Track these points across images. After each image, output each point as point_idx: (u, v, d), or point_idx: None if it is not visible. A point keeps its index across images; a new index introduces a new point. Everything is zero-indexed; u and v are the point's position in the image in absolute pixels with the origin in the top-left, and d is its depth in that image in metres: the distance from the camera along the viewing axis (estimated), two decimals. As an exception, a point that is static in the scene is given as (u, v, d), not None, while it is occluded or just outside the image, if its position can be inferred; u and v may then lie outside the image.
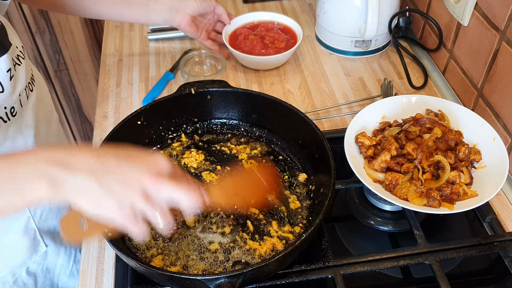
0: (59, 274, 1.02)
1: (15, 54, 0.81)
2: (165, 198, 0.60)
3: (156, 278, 0.74)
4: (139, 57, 1.32)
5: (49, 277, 1.00)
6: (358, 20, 1.20)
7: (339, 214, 0.95)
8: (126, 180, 0.58)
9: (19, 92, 0.82)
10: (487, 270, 0.86)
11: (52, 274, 1.00)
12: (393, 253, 0.81)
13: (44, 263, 0.98)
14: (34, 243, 0.94)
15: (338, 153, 0.89)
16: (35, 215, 0.94)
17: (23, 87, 0.84)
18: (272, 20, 1.31)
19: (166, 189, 0.59)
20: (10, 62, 0.78)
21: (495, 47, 0.94)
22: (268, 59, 1.20)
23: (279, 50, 1.22)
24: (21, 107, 0.84)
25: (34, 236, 0.94)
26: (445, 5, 1.11)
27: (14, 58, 0.81)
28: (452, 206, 0.81)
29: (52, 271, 1.00)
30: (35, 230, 0.94)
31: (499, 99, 0.95)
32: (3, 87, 0.77)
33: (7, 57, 0.78)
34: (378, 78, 1.22)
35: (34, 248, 0.95)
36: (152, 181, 0.58)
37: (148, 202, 0.58)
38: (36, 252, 0.95)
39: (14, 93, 0.80)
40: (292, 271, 0.78)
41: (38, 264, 0.96)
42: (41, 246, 0.96)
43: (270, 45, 1.22)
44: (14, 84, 0.80)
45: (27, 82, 0.85)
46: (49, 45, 1.97)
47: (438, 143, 0.87)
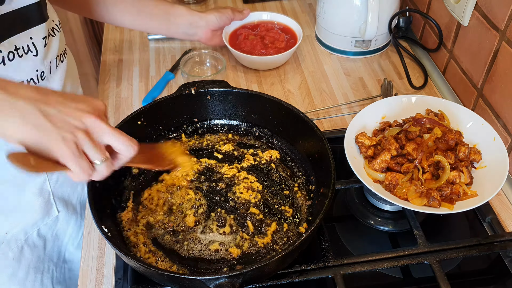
0: (67, 244, 1.05)
1: (51, 26, 0.88)
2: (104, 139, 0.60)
3: (156, 278, 0.74)
4: (139, 57, 1.32)
5: (57, 244, 1.02)
6: (358, 20, 1.20)
7: (339, 214, 0.95)
8: (69, 114, 0.59)
9: (50, 59, 0.88)
10: (487, 270, 0.86)
11: (60, 242, 1.03)
12: (393, 253, 0.81)
13: (55, 228, 1.00)
14: (47, 205, 0.97)
15: (338, 153, 0.89)
16: (52, 178, 0.96)
17: (54, 56, 0.90)
18: (272, 20, 1.31)
19: (105, 130, 0.60)
20: (46, 32, 0.85)
21: (495, 47, 0.94)
22: (268, 59, 1.20)
23: (279, 50, 1.22)
24: (50, 74, 0.89)
25: (48, 198, 0.97)
26: (445, 5, 1.11)
27: (50, 30, 0.88)
28: (452, 206, 0.81)
29: (61, 239, 1.03)
30: (49, 193, 0.97)
31: (499, 99, 0.95)
32: (37, 51, 0.84)
33: (44, 26, 0.84)
34: (378, 78, 1.22)
35: (47, 211, 0.97)
36: (93, 119, 0.59)
37: (89, 139, 0.59)
38: (48, 215, 0.98)
39: (46, 59, 0.86)
40: (292, 271, 0.78)
41: (49, 228, 0.99)
42: (53, 210, 0.98)
43: (270, 45, 1.22)
44: (47, 51, 0.86)
45: (59, 53, 0.92)
46: (49, 45, 1.97)
47: (438, 143, 0.87)
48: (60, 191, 1.00)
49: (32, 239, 0.96)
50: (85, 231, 0.91)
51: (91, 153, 0.60)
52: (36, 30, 0.83)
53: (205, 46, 1.31)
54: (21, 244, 0.94)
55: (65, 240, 1.04)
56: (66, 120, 0.58)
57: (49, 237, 1.00)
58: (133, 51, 1.34)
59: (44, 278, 1.00)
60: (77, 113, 0.59)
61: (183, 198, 0.87)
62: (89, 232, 0.91)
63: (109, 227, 0.78)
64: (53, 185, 0.97)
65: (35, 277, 0.98)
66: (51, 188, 0.97)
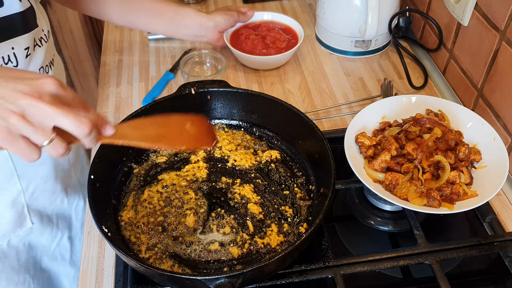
0: (41, 254, 1.03)
1: (38, 36, 0.85)
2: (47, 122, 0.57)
3: (156, 278, 0.74)
4: (139, 57, 1.31)
5: (32, 255, 1.00)
6: (358, 20, 1.20)
7: (339, 214, 0.95)
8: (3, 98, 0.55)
9: (32, 70, 0.85)
10: (487, 270, 0.86)
11: (35, 252, 1.01)
12: (393, 253, 0.81)
13: (27, 239, 0.98)
14: (21, 217, 0.95)
15: (338, 153, 0.89)
16: (27, 190, 0.95)
17: (38, 67, 0.87)
18: (274, 20, 1.31)
19: (46, 113, 0.56)
20: (30, 42, 0.82)
21: (495, 47, 0.94)
22: (269, 59, 1.20)
23: (280, 50, 1.22)
24: None
25: (21, 210, 0.95)
26: (445, 5, 1.11)
27: (37, 39, 0.85)
28: (452, 206, 0.81)
29: (35, 249, 1.01)
30: (23, 205, 0.95)
31: (499, 99, 0.95)
32: (17, 62, 0.81)
33: (28, 36, 0.82)
34: (378, 78, 1.22)
35: (20, 223, 0.95)
36: (29, 101, 0.55)
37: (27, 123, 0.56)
38: (21, 227, 0.96)
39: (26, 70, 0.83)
40: (292, 271, 0.78)
41: (20, 239, 0.97)
42: (27, 222, 0.97)
43: (271, 45, 1.22)
44: (29, 62, 0.84)
45: (44, 65, 0.88)
46: (49, 45, 1.97)
47: (438, 143, 0.87)
48: (35, 203, 0.98)
49: (1, 249, 0.94)
50: (85, 231, 0.91)
51: (31, 136, 0.57)
52: (19, 40, 0.80)
53: (205, 46, 1.31)
54: None
55: (38, 250, 1.02)
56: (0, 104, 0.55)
57: (21, 248, 0.98)
58: (133, 51, 1.34)
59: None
60: (12, 95, 0.55)
61: (183, 198, 0.87)
62: (89, 232, 0.91)
63: (109, 227, 0.78)
64: (28, 198, 0.95)
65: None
66: (25, 201, 0.95)
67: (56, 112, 0.56)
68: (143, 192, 0.88)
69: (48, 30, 0.90)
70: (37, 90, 0.57)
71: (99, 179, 0.80)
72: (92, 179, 0.79)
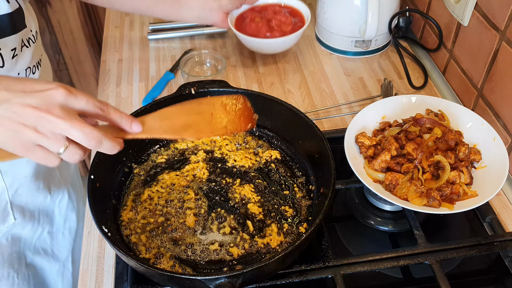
0: (24, 249, 1.03)
1: (26, 36, 0.84)
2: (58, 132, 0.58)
3: (156, 278, 0.74)
4: (139, 57, 1.32)
5: (15, 249, 1.01)
6: (358, 20, 1.20)
7: (339, 214, 0.95)
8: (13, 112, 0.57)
9: (18, 71, 0.84)
10: (487, 270, 0.86)
11: (17, 247, 1.02)
12: (393, 253, 0.81)
13: (9, 233, 0.99)
14: (4, 214, 0.95)
15: (338, 153, 0.89)
16: (11, 188, 0.95)
17: (24, 67, 0.86)
18: (280, 2, 1.26)
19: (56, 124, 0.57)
20: (17, 43, 0.81)
21: (495, 47, 0.94)
22: (272, 42, 1.16)
23: (285, 33, 1.18)
24: None
25: (4, 207, 0.95)
26: (445, 5, 1.11)
27: (24, 40, 0.84)
28: (452, 206, 0.81)
29: (17, 243, 1.02)
30: (7, 202, 0.95)
31: (499, 99, 0.95)
32: (3, 63, 0.80)
33: (16, 38, 0.81)
34: (378, 78, 1.22)
35: (3, 219, 0.96)
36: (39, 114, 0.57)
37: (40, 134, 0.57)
38: (3, 222, 0.96)
39: (13, 70, 0.83)
40: (292, 271, 0.78)
41: (3, 234, 0.98)
42: (10, 218, 0.97)
43: (276, 28, 1.18)
44: (15, 63, 0.83)
45: (32, 65, 0.88)
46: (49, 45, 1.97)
47: (438, 143, 0.87)
48: (18, 200, 0.98)
49: None
50: (85, 231, 0.91)
51: (46, 145, 0.59)
52: (6, 41, 0.80)
53: (205, 46, 1.31)
54: None
55: (21, 245, 1.02)
56: (11, 118, 0.57)
57: (4, 242, 0.98)
58: (133, 51, 1.34)
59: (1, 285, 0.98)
60: (22, 109, 0.57)
61: (183, 198, 0.87)
62: (89, 232, 0.91)
63: (109, 227, 0.78)
64: (12, 195, 0.96)
65: None
66: (9, 198, 0.95)
67: (65, 124, 0.58)
68: (143, 192, 0.88)
69: (36, 30, 0.90)
70: (45, 102, 0.58)
71: (99, 179, 0.80)
72: (92, 179, 0.79)
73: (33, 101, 0.57)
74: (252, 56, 1.30)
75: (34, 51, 0.87)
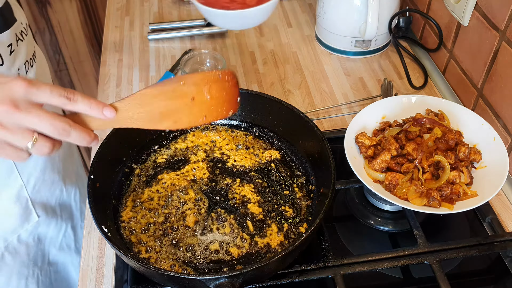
0: (49, 246, 1.04)
1: (19, 30, 0.84)
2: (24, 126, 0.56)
3: (156, 278, 0.74)
4: (139, 57, 1.32)
5: (40, 248, 1.02)
6: (358, 20, 1.20)
7: (339, 214, 0.95)
8: None
9: (18, 66, 0.84)
10: (487, 270, 0.86)
11: (43, 245, 1.02)
12: (393, 253, 0.81)
13: (36, 232, 0.99)
14: (26, 211, 0.96)
15: (338, 153, 0.89)
16: (28, 184, 0.95)
17: (23, 62, 0.86)
18: None
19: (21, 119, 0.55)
20: (12, 38, 0.81)
21: (495, 47, 0.94)
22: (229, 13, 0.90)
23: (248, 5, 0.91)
24: None
25: (26, 204, 0.95)
26: (445, 5, 1.11)
27: (18, 34, 0.84)
28: (452, 206, 0.81)
29: (43, 242, 1.02)
30: (27, 199, 0.95)
31: (499, 99, 0.95)
32: (2, 60, 0.79)
33: (10, 33, 0.80)
34: (378, 78, 1.22)
35: (26, 217, 0.96)
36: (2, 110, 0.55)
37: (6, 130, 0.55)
38: (28, 221, 0.97)
39: (13, 66, 0.82)
40: (292, 271, 0.78)
41: (29, 233, 0.98)
42: (33, 215, 0.97)
43: None
44: (14, 59, 0.82)
45: (28, 58, 0.88)
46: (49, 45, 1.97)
47: (438, 143, 0.87)
48: (38, 196, 0.99)
49: (12, 245, 0.95)
50: (85, 231, 0.91)
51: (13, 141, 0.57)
52: (1, 38, 0.79)
53: (205, 46, 1.31)
54: (0, 252, 0.93)
55: (46, 243, 1.03)
56: None
57: (30, 242, 0.99)
58: (133, 51, 1.34)
59: (29, 284, 0.99)
60: None
61: (183, 198, 0.87)
62: (89, 232, 0.91)
63: (109, 227, 0.78)
64: (31, 191, 0.96)
65: (19, 283, 0.96)
66: (28, 194, 0.95)
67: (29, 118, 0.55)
68: (143, 192, 0.88)
69: (26, 22, 0.89)
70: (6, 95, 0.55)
71: (99, 179, 0.80)
72: (92, 179, 0.79)
73: None
74: (252, 56, 1.30)
75: (28, 43, 0.87)
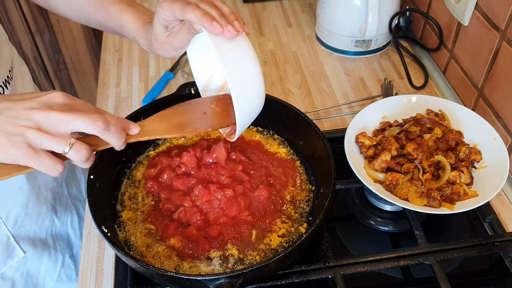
0: (44, 279, 0.98)
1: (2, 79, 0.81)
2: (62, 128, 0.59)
3: (156, 278, 0.73)
4: (139, 57, 1.31)
5: (31, 283, 0.95)
6: (358, 20, 1.20)
7: (339, 214, 0.95)
8: (15, 117, 0.57)
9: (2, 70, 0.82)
10: (487, 270, 0.86)
11: (36, 280, 0.96)
12: (393, 253, 0.81)
13: (24, 268, 0.93)
14: (8, 249, 0.90)
15: (338, 153, 0.89)
16: (8, 221, 0.90)
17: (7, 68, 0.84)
18: None
19: (59, 119, 0.58)
20: None
21: (496, 47, 0.94)
22: None
23: None
24: None
25: (7, 242, 0.90)
26: (446, 5, 1.11)
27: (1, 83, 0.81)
28: (453, 206, 0.81)
29: (36, 276, 0.96)
30: (8, 236, 0.90)
31: (499, 99, 0.95)
32: None
33: None
34: (378, 78, 1.22)
35: (8, 254, 0.90)
36: (42, 113, 0.58)
37: (44, 134, 0.58)
38: (11, 258, 0.91)
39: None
40: (292, 271, 0.78)
41: (16, 270, 0.92)
42: (17, 251, 0.91)
43: None
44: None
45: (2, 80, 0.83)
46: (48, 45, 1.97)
47: (439, 143, 0.87)
48: (22, 231, 0.93)
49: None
50: (85, 231, 0.91)
51: (51, 146, 0.59)
52: None
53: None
54: None
55: (40, 277, 0.97)
56: (14, 123, 0.57)
57: (18, 278, 0.92)
58: (133, 51, 1.34)
59: None
60: (23, 113, 0.58)
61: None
62: (89, 232, 0.91)
63: (109, 227, 0.78)
64: (12, 227, 0.90)
65: None
66: (9, 231, 0.90)
67: (68, 117, 0.58)
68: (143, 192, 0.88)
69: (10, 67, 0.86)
70: (45, 103, 0.59)
71: (99, 179, 0.80)
72: (92, 179, 0.79)
73: (33, 104, 0.58)
74: (252, 56, 1.30)
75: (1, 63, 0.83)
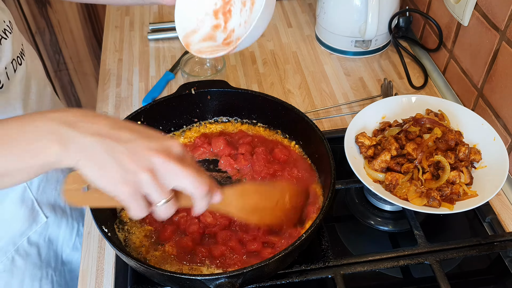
0: (62, 246, 1.03)
1: (2, 28, 0.82)
2: (171, 181, 0.56)
3: (156, 278, 0.74)
4: (139, 57, 1.32)
5: (52, 248, 1.00)
6: (358, 20, 1.20)
7: (339, 214, 0.95)
8: (136, 153, 0.55)
9: (5, 65, 0.83)
10: (487, 270, 0.86)
11: (55, 246, 1.01)
12: (393, 253, 0.81)
13: (46, 233, 0.98)
14: (33, 213, 0.94)
15: (338, 153, 0.89)
16: (32, 185, 0.94)
17: (10, 60, 0.84)
18: None
19: (174, 172, 0.56)
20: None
21: (495, 47, 0.94)
22: None
23: None
24: (8, 80, 0.84)
25: (32, 206, 0.94)
26: (445, 5, 1.11)
27: (1, 33, 0.81)
28: (452, 206, 0.81)
29: (55, 243, 1.01)
30: (32, 201, 0.94)
31: (499, 99, 0.95)
32: None
33: None
34: (378, 78, 1.22)
35: (34, 219, 0.95)
36: (162, 159, 0.55)
37: (154, 181, 0.55)
38: (36, 222, 0.95)
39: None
40: (292, 271, 0.78)
41: (39, 235, 0.97)
42: (40, 216, 0.96)
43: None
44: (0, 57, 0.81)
45: (16, 56, 0.86)
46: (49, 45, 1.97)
47: (438, 143, 0.87)
48: (44, 197, 0.97)
49: (23, 248, 0.94)
50: (85, 231, 0.91)
51: (152, 195, 0.56)
52: None
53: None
54: (11, 255, 0.92)
55: (59, 243, 1.02)
56: (133, 159, 0.54)
57: (41, 243, 0.97)
58: (133, 51, 1.34)
59: (43, 285, 0.97)
60: (146, 152, 0.55)
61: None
62: (89, 232, 0.91)
63: (109, 227, 0.78)
64: (35, 192, 0.94)
65: (32, 285, 0.95)
66: (33, 196, 0.94)
67: (182, 172, 0.56)
68: (143, 192, 0.88)
69: (9, 20, 0.87)
70: (166, 149, 0.56)
71: (99, 179, 0.80)
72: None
73: (157, 146, 0.56)
74: (252, 56, 1.30)
75: (14, 41, 0.85)
